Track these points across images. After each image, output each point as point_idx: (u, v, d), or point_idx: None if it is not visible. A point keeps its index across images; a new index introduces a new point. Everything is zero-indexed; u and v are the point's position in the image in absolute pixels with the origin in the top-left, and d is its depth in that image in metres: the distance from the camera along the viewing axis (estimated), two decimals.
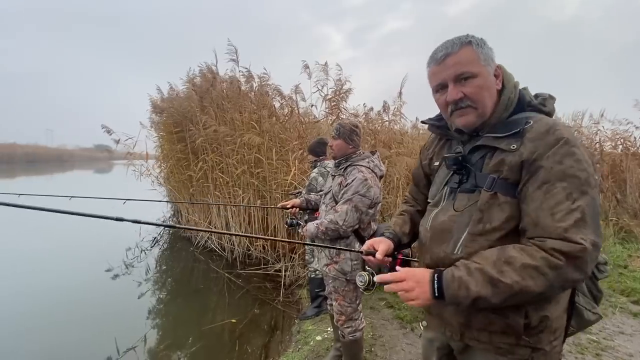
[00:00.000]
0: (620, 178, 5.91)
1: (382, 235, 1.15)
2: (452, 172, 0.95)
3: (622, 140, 6.26)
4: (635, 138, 6.16)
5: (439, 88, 0.89)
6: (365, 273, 1.20)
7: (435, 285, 0.79)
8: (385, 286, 0.87)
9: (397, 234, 1.15)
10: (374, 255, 1.06)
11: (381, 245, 1.07)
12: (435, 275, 0.81)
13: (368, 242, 1.11)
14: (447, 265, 0.90)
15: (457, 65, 0.84)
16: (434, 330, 1.02)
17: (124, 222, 0.96)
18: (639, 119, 6.08)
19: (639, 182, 5.57)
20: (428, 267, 0.97)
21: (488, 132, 0.87)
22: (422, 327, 2.77)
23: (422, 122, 1.08)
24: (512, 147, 0.81)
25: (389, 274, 0.87)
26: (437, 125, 1.03)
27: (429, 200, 1.05)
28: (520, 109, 0.88)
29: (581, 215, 0.71)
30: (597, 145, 6.09)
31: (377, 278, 0.96)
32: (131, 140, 5.82)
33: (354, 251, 1.26)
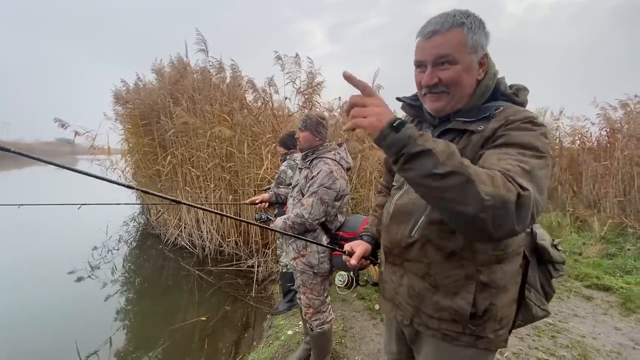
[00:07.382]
0: (577, 171, 6.27)
1: (360, 238, 1.16)
2: None
3: (579, 135, 6.63)
4: (591, 134, 6.55)
5: (419, 64, 0.86)
6: (345, 273, 1.26)
7: (395, 122, 0.64)
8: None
9: (373, 235, 1.14)
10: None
11: (358, 248, 1.08)
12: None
13: (347, 245, 1.11)
14: (403, 248, 0.90)
15: (440, 47, 0.80)
16: (386, 313, 1.04)
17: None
18: (595, 116, 6.46)
19: (594, 175, 5.93)
20: (386, 249, 0.98)
21: (459, 117, 0.86)
22: (376, 309, 2.84)
23: (397, 99, 1.03)
24: (478, 129, 0.81)
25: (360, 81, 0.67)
26: (412, 105, 0.98)
27: (393, 184, 1.04)
28: (494, 97, 0.88)
29: (529, 169, 0.66)
30: (557, 141, 6.45)
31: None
32: (91, 133, 5.49)
33: (333, 249, 1.27)
